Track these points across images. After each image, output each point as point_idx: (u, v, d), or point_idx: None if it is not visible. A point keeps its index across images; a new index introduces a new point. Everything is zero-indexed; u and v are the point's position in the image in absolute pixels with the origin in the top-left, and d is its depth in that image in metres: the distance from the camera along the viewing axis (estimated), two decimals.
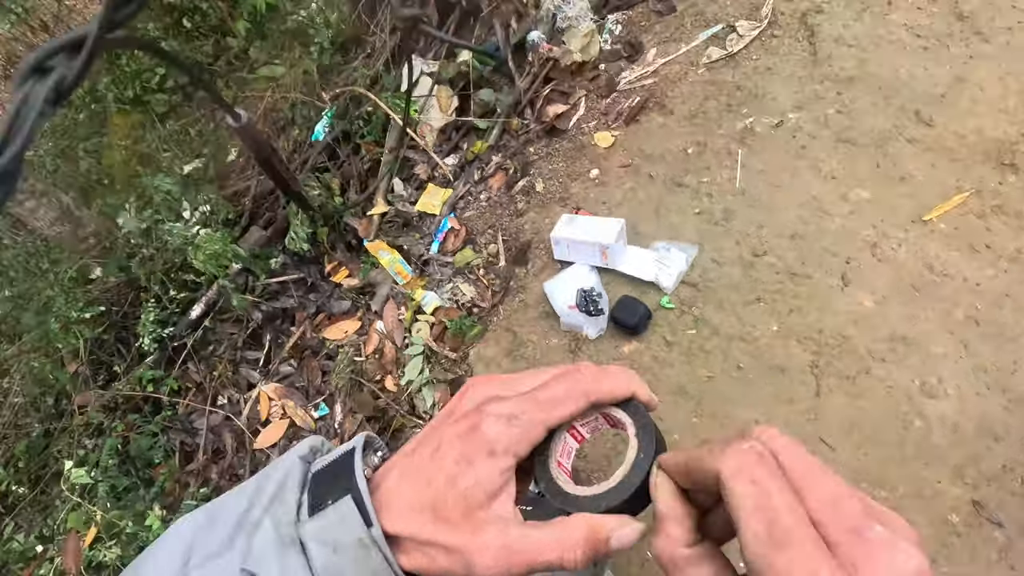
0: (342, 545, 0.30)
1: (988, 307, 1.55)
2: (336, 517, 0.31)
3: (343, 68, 3.11)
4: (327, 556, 0.30)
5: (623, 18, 2.31)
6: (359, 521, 0.31)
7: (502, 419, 0.32)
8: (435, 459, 0.32)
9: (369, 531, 0.30)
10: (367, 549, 0.30)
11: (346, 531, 0.31)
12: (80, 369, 2.54)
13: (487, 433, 0.32)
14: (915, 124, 1.76)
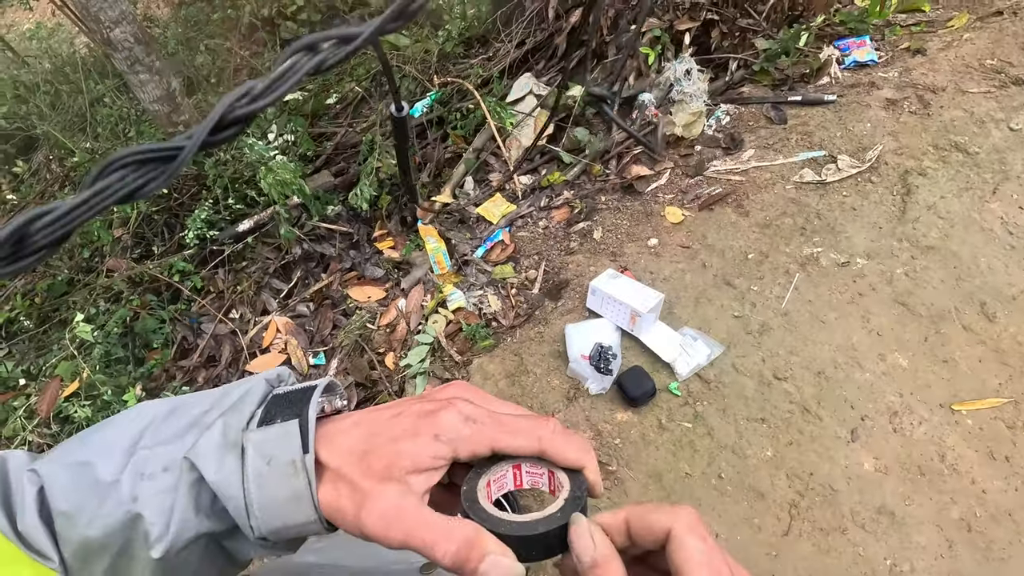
0: (276, 460, 0.32)
1: (986, 518, 1.51)
2: (279, 433, 0.33)
3: (460, 61, 3.23)
4: (260, 466, 0.32)
5: (734, 111, 2.35)
6: (298, 444, 0.33)
7: (461, 416, 0.35)
8: (390, 421, 0.35)
9: (304, 456, 0.32)
10: (296, 471, 0.32)
11: (284, 449, 0.33)
12: (123, 236, 2.66)
13: (442, 420, 0.34)
14: (977, 314, 1.74)
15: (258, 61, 4.24)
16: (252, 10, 4.42)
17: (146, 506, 0.33)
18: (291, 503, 0.33)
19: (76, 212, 0.15)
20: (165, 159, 0.16)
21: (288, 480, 0.32)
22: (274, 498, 0.33)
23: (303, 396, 0.36)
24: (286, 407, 0.35)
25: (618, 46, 2.32)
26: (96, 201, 0.16)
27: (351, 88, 3.57)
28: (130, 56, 2.51)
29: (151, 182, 0.16)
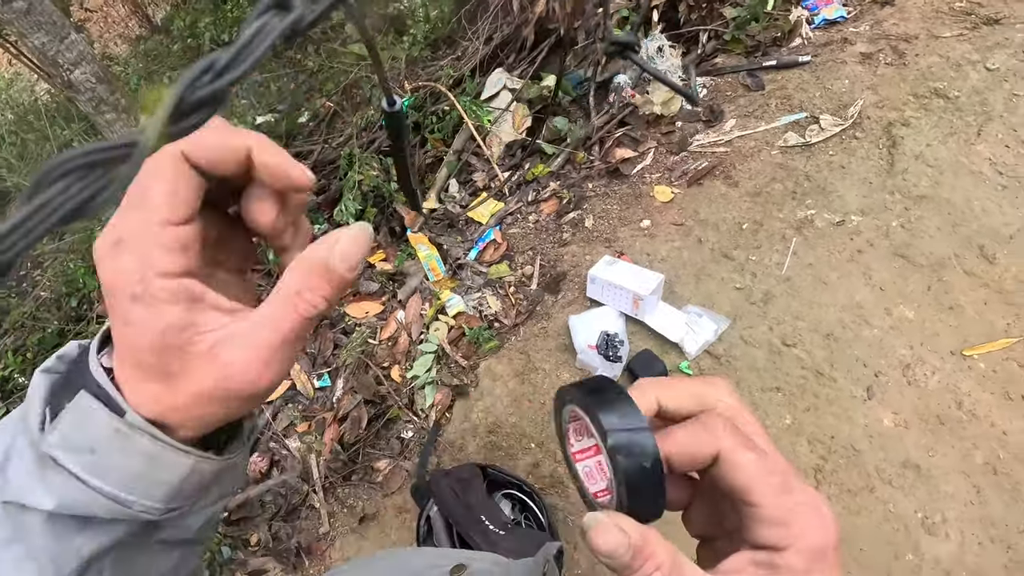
0: (98, 442, 0.26)
1: (1010, 459, 1.50)
2: (76, 417, 0.26)
3: (429, 64, 3.20)
4: (85, 460, 0.26)
5: (710, 83, 2.34)
6: (106, 412, 0.26)
7: (109, 248, 0.26)
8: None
9: (124, 419, 0.26)
10: (127, 437, 0.26)
11: (95, 427, 0.26)
12: None
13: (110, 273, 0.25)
14: (977, 258, 1.73)
15: None
16: (212, 36, 4.35)
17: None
18: (151, 465, 0.26)
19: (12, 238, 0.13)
20: (116, 160, 0.13)
21: (126, 452, 0.26)
22: (128, 473, 0.26)
23: (80, 365, 0.28)
24: (67, 387, 0.28)
25: (587, 31, 2.30)
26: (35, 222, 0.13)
27: (322, 104, 3.53)
28: (94, 97, 2.45)
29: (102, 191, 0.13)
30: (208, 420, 0.27)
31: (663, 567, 0.26)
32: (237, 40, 0.14)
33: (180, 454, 0.27)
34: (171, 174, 0.25)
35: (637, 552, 0.26)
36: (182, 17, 4.67)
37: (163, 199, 0.25)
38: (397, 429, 1.88)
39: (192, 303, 0.25)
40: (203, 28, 4.41)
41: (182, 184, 0.25)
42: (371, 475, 1.79)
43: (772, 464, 0.27)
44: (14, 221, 0.13)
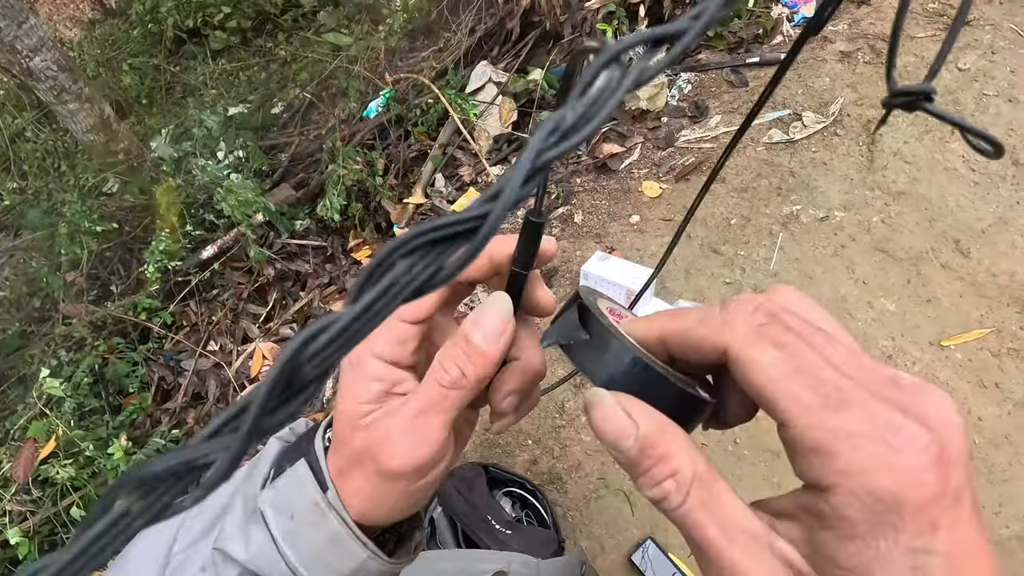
0: (298, 510, 0.29)
1: (985, 443, 1.58)
2: (289, 481, 0.30)
3: (407, 55, 3.14)
4: (284, 523, 0.29)
5: (695, 79, 2.36)
6: (313, 484, 0.29)
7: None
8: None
9: (325, 495, 0.29)
10: (322, 513, 0.28)
11: (300, 495, 0.29)
12: (76, 279, 2.49)
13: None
14: (952, 252, 1.81)
15: (190, 76, 4.02)
16: (175, 22, 4.17)
17: None
18: (332, 548, 0.29)
19: (356, 326, 0.12)
20: (464, 234, 0.12)
21: (318, 526, 0.28)
22: (313, 550, 0.29)
23: (309, 435, 0.32)
24: (294, 454, 0.32)
25: (573, 24, 2.29)
26: (380, 306, 0.12)
27: (297, 95, 3.42)
28: (55, 85, 2.32)
29: (446, 268, 0.12)
30: (370, 499, 0.29)
31: (679, 475, 0.20)
32: (581, 97, 0.13)
33: (358, 544, 0.29)
34: None
35: (646, 448, 0.21)
36: (142, 1, 4.45)
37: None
38: None
39: (390, 384, 0.29)
40: (166, 13, 4.21)
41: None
42: None
43: (810, 366, 0.19)
44: (357, 310, 0.12)
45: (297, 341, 0.13)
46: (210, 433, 0.13)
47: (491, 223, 0.12)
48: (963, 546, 0.17)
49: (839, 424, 0.18)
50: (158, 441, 1.90)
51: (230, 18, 4.18)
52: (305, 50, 3.64)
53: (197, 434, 0.13)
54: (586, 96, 0.13)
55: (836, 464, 0.18)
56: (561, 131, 0.13)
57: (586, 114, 0.13)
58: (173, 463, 0.12)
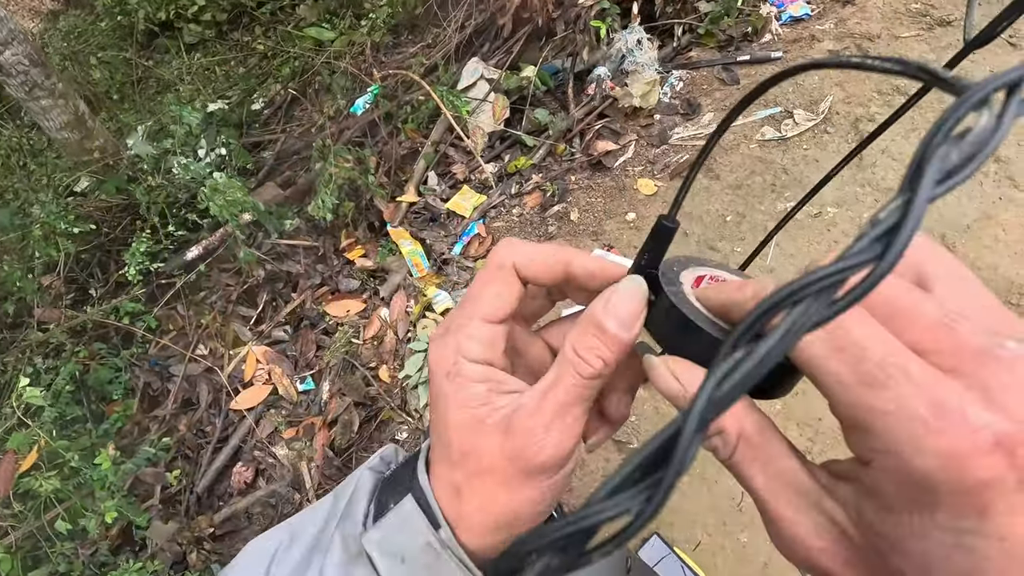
0: (410, 552, 0.27)
1: None
2: (397, 521, 0.28)
3: (394, 49, 3.09)
4: (395, 567, 0.27)
5: (687, 76, 2.38)
6: (424, 523, 0.27)
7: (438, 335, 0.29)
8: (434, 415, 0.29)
9: (438, 533, 0.27)
10: (437, 554, 0.27)
11: (411, 536, 0.27)
12: (53, 283, 2.39)
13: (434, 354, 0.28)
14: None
15: (164, 70, 3.88)
16: (147, 14, 4.02)
17: None
18: None
19: (760, 369, 0.13)
20: (840, 281, 0.13)
21: (432, 569, 0.27)
22: None
23: (409, 466, 0.30)
24: (396, 488, 0.29)
25: (566, 21, 2.28)
26: (784, 343, 0.13)
27: (278, 91, 3.34)
28: (27, 81, 2.22)
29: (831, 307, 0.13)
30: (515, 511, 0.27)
31: (725, 434, 0.22)
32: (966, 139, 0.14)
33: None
34: (501, 282, 0.28)
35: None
36: None
37: (488, 300, 0.28)
38: (391, 431, 1.83)
39: (494, 384, 0.27)
40: (136, 4, 4.06)
41: (506, 290, 0.28)
42: None
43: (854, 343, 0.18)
44: (770, 344, 0.13)
45: (706, 392, 0.14)
46: (617, 485, 0.14)
47: (891, 257, 0.13)
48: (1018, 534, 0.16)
49: (875, 403, 0.17)
50: (148, 450, 1.84)
51: (204, 10, 4.05)
52: (286, 45, 3.55)
53: (597, 494, 0.13)
54: (971, 140, 0.13)
55: (871, 442, 0.18)
56: (947, 170, 0.13)
57: (970, 154, 0.13)
58: (585, 525, 0.13)
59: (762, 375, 0.13)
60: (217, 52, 3.99)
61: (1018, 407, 0.16)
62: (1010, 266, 1.83)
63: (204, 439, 1.88)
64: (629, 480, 0.14)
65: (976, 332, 0.18)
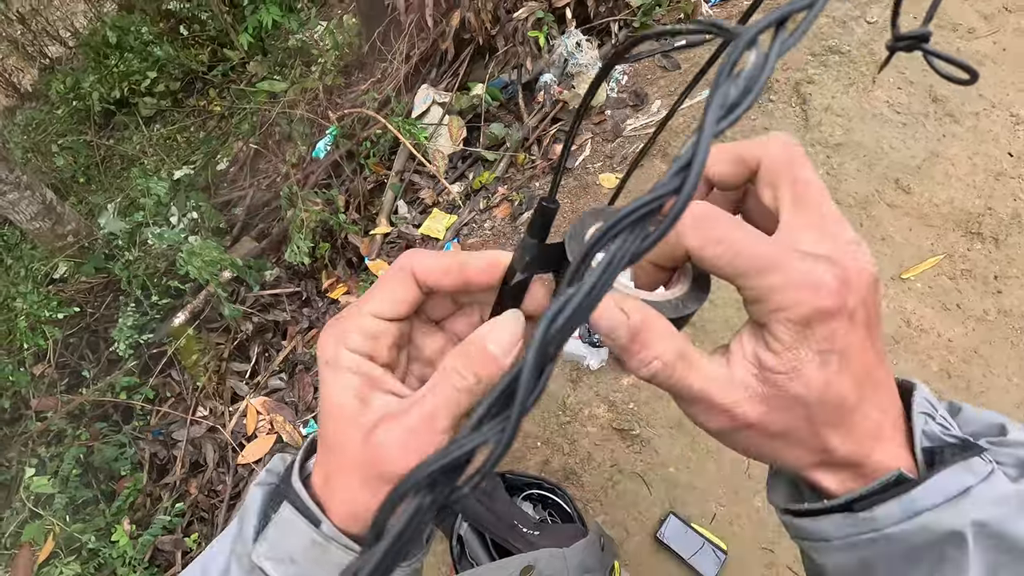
0: (298, 553, 0.28)
1: (959, 362, 1.69)
2: (279, 528, 0.29)
3: (347, 90, 3.15)
4: (287, 569, 0.28)
5: (630, 70, 2.45)
6: (304, 524, 0.28)
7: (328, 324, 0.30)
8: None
9: (319, 529, 0.28)
10: (323, 548, 0.28)
11: (296, 537, 0.28)
12: (45, 371, 2.40)
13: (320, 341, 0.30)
14: (895, 191, 1.93)
15: (126, 146, 3.93)
16: (101, 95, 4.08)
17: None
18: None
19: (589, 300, 0.15)
20: (652, 212, 0.15)
21: (322, 562, 0.28)
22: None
23: (286, 476, 0.31)
24: (276, 499, 0.30)
25: (505, 36, 2.36)
26: (607, 277, 0.15)
27: (241, 148, 3.39)
28: None
29: (648, 238, 0.15)
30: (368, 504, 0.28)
31: (664, 356, 0.26)
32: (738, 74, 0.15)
33: None
34: (397, 282, 0.30)
35: (634, 335, 0.26)
36: (60, 80, 4.34)
37: (380, 296, 0.30)
38: None
39: (370, 380, 0.29)
40: (88, 88, 4.12)
41: (400, 289, 0.30)
42: None
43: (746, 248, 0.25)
44: (591, 282, 0.15)
45: (543, 326, 0.15)
46: (474, 425, 0.15)
47: (688, 188, 0.14)
48: (853, 347, 0.25)
49: (768, 283, 0.24)
50: (163, 518, 1.84)
51: (157, 82, 4.11)
52: (241, 102, 3.62)
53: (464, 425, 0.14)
54: (743, 74, 0.15)
55: (767, 307, 0.25)
56: (728, 105, 0.15)
57: (746, 88, 0.15)
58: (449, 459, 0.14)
59: (593, 306, 0.15)
60: (175, 120, 4.05)
61: (848, 268, 0.24)
62: (965, 198, 1.90)
63: (217, 498, 1.89)
64: (488, 416, 0.15)
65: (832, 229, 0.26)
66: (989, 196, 1.88)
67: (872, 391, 0.26)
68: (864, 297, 0.25)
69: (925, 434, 0.27)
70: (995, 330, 1.71)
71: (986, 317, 1.73)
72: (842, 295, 0.24)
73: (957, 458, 0.25)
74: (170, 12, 4.29)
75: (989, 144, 1.95)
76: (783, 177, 0.28)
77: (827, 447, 0.26)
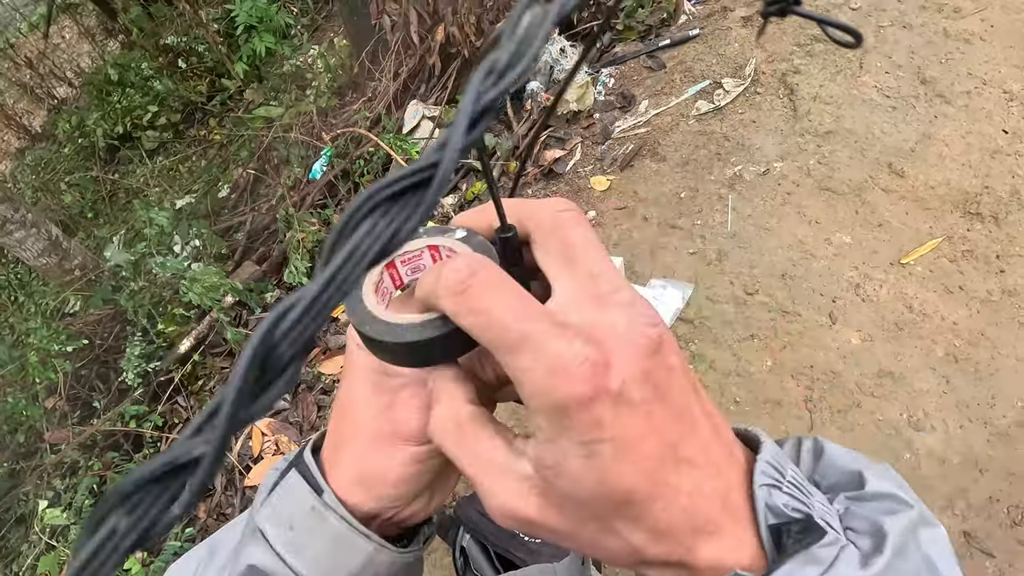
0: (296, 519, 0.29)
1: (965, 345, 1.65)
2: (282, 493, 0.29)
3: (340, 111, 3.20)
4: (284, 535, 0.29)
5: (616, 72, 2.46)
6: (307, 489, 0.29)
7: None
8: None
9: (321, 497, 0.29)
10: (321, 517, 0.28)
11: (296, 503, 0.29)
12: (57, 404, 2.44)
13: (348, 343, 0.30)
14: (889, 175, 1.90)
15: (131, 179, 4.01)
16: (105, 131, 4.17)
17: None
18: (337, 548, 0.29)
19: (324, 297, 0.12)
20: (417, 185, 0.13)
21: (318, 530, 0.28)
22: (318, 556, 0.29)
23: (301, 449, 0.32)
24: (287, 471, 0.31)
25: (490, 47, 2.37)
26: (345, 273, 0.12)
27: (240, 174, 3.45)
28: None
29: (408, 221, 0.13)
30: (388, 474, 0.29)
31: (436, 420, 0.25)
32: (511, 36, 0.13)
33: (362, 538, 0.29)
34: None
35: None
36: (65, 119, 4.46)
37: None
38: None
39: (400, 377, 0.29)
40: (92, 125, 4.22)
41: None
42: None
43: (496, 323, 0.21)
44: (323, 279, 0.13)
45: (266, 323, 0.13)
46: (191, 433, 0.12)
47: (443, 170, 0.13)
48: (633, 430, 0.21)
49: (518, 364, 0.21)
50: (174, 544, 1.85)
51: (158, 116, 4.20)
52: (239, 129, 3.68)
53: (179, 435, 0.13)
54: (515, 35, 0.13)
55: (523, 392, 0.21)
56: (498, 71, 0.13)
57: (518, 51, 0.13)
58: (156, 465, 0.12)
59: (326, 312, 0.13)
60: (177, 151, 4.13)
61: (605, 342, 0.21)
62: (961, 178, 1.87)
63: (226, 521, 1.90)
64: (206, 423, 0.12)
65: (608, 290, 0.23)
66: (986, 175, 1.85)
67: (679, 473, 0.22)
68: (641, 370, 0.21)
69: (770, 509, 0.23)
70: (1000, 311, 1.67)
71: (990, 298, 1.69)
72: (600, 377, 0.20)
73: (798, 545, 0.21)
74: (168, 46, 4.39)
75: (983, 122, 1.92)
76: (551, 239, 0.25)
77: (633, 547, 0.22)
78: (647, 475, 0.21)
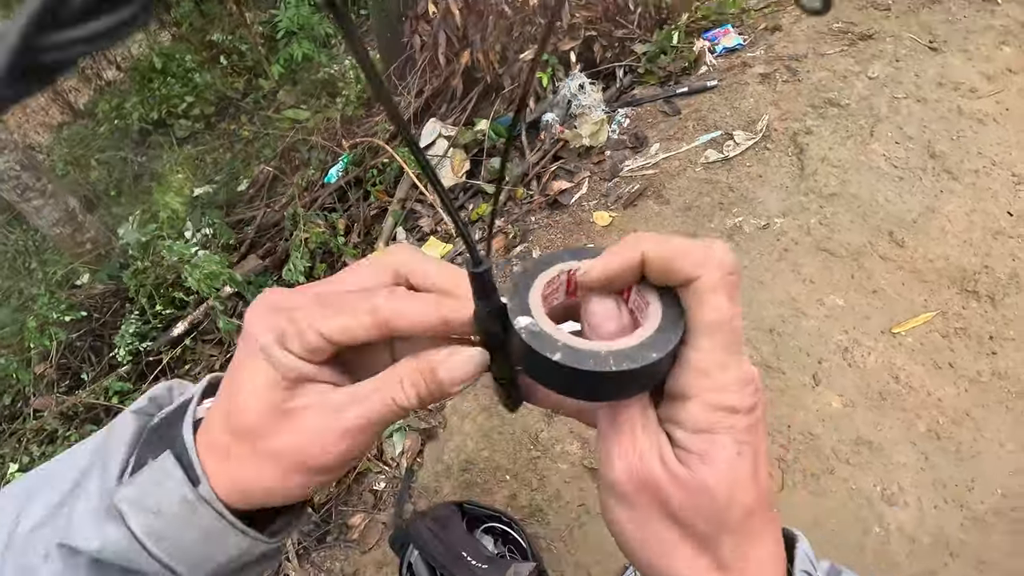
0: (164, 506, 0.26)
1: (948, 423, 1.62)
2: (153, 476, 0.27)
3: (364, 120, 3.29)
4: (148, 522, 0.26)
5: (632, 113, 2.50)
6: (182, 479, 0.26)
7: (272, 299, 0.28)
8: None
9: (196, 489, 0.26)
10: (193, 509, 0.26)
11: (167, 491, 0.26)
12: (46, 371, 2.48)
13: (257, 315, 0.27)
14: (888, 244, 1.90)
15: (157, 164, 4.13)
16: (141, 115, 4.33)
17: None
18: (206, 541, 0.27)
19: None
20: None
21: (188, 522, 0.26)
22: (182, 544, 0.27)
23: (176, 420, 0.29)
24: (157, 443, 0.28)
25: (511, 76, 2.44)
26: None
27: (261, 170, 3.54)
28: (19, 184, 2.40)
29: None
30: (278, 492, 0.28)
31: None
32: None
33: (238, 535, 0.28)
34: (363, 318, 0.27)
35: None
36: (107, 100, 4.63)
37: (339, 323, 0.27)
38: (368, 481, 1.84)
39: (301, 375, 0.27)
40: (130, 108, 4.38)
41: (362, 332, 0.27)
42: (346, 533, 1.73)
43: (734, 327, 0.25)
44: None
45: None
46: None
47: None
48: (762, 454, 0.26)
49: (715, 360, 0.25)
50: None
51: (193, 106, 4.35)
52: (267, 128, 3.79)
53: None
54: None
55: (702, 384, 0.25)
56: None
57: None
58: None
59: None
60: (206, 142, 4.26)
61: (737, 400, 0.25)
62: (961, 255, 1.86)
63: None
64: None
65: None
66: (986, 254, 1.83)
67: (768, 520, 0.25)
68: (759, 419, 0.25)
69: None
70: (988, 392, 1.64)
71: (979, 378, 1.66)
72: (758, 397, 0.25)
73: None
74: (213, 42, 4.58)
75: (988, 202, 1.92)
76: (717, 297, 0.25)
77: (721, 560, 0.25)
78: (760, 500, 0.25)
